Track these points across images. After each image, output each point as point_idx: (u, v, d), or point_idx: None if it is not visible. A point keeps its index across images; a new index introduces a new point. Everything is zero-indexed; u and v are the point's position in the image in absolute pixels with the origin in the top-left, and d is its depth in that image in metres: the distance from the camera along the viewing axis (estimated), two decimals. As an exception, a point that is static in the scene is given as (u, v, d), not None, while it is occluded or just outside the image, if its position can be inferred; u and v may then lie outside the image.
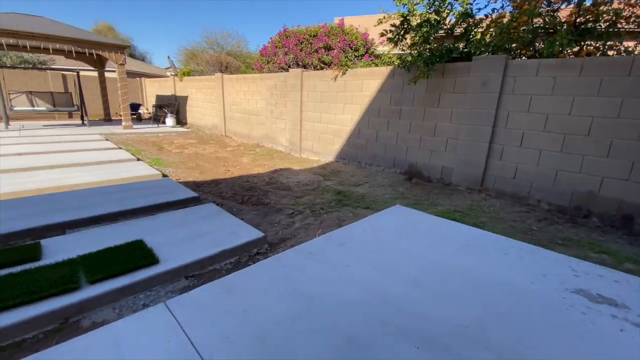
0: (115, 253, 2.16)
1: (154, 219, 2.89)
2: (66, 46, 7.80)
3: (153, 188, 3.76)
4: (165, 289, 2.01)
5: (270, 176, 4.98)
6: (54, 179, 3.87)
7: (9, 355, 1.48)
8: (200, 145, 7.48)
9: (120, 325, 1.54)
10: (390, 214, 3.19)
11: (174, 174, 4.78)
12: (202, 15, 58.82)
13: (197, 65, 13.11)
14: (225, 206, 3.51)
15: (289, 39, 7.11)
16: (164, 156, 6.07)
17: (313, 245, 2.49)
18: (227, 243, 2.48)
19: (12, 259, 2.06)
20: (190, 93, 10.83)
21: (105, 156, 5.31)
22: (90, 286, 1.84)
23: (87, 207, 3.04)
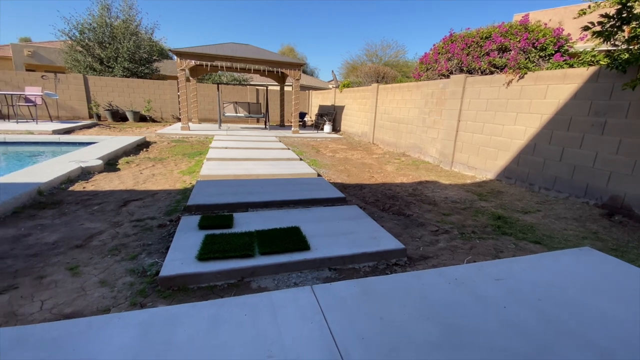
0: (279, 233, 2.58)
1: (308, 212, 3.29)
2: (262, 66, 9.98)
3: (310, 185, 4.29)
4: (312, 274, 2.25)
5: (414, 187, 4.79)
6: (245, 169, 5.02)
7: (204, 295, 2.00)
8: (349, 151, 8.03)
9: (278, 295, 1.82)
10: (575, 257, 2.47)
11: (326, 175, 5.31)
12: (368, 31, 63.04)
13: (357, 77, 14.15)
14: (367, 211, 3.61)
15: (454, 44, 6.64)
16: (319, 158, 6.85)
17: (460, 271, 2.22)
18: (368, 246, 2.53)
19: (216, 223, 2.78)
20: (347, 103, 11.80)
21: (278, 154, 6.47)
22: (261, 256, 2.27)
23: (264, 193, 3.78)
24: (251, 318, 1.63)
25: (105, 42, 13.98)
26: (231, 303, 1.75)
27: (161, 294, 1.96)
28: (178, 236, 2.55)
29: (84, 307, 1.82)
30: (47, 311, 1.77)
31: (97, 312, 1.77)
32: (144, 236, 2.73)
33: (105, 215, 3.13)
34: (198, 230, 2.68)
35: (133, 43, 14.17)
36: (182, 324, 1.56)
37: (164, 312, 1.66)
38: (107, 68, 14.24)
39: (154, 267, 2.23)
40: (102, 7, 14.23)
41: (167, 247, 2.46)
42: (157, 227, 2.93)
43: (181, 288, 2.02)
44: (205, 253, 2.23)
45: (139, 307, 1.83)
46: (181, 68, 9.21)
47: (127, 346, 1.41)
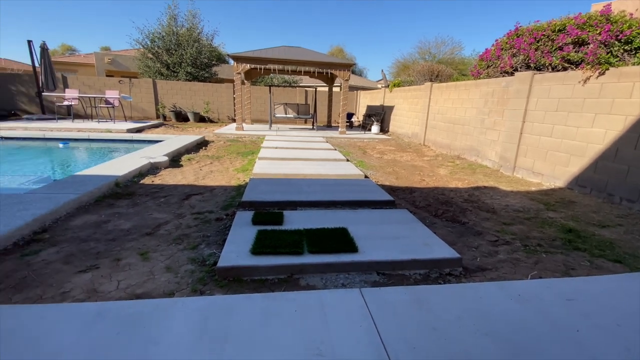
0: (327, 233, 2.60)
1: (356, 213, 3.26)
2: (312, 68, 10.15)
3: (357, 186, 4.26)
4: (360, 277, 2.22)
5: (471, 193, 4.49)
6: (294, 168, 5.15)
7: (256, 287, 2.08)
8: (398, 153, 7.80)
9: (327, 294, 1.83)
10: (669, 281, 2.11)
11: (373, 177, 5.22)
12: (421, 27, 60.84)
13: (408, 76, 13.71)
14: (418, 215, 3.47)
15: (520, 39, 6.09)
16: (366, 159, 6.76)
17: (524, 287, 2.03)
18: (419, 253, 2.43)
19: (267, 220, 2.89)
20: (396, 103, 11.49)
21: (325, 155, 6.53)
22: (309, 255, 2.30)
23: (311, 193, 3.84)
24: (301, 314, 1.66)
25: (172, 49, 15.35)
26: (282, 298, 1.80)
27: (218, 283, 2.09)
28: (233, 230, 2.69)
29: (152, 289, 2.01)
30: (122, 290, 1.99)
31: (163, 295, 1.95)
32: (203, 228, 2.94)
33: (170, 207, 3.44)
34: (251, 226, 2.80)
35: (195, 49, 15.36)
36: (238, 314, 1.64)
37: (221, 301, 1.76)
38: (172, 73, 15.62)
39: (212, 258, 2.38)
40: (170, 17, 15.65)
41: (224, 240, 2.61)
42: (215, 220, 3.13)
43: (236, 279, 2.14)
44: (258, 248, 2.32)
45: (198, 294, 1.97)
46: (237, 72, 9.75)
47: (189, 329, 1.52)
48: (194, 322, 1.57)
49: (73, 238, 2.60)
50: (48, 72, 10.92)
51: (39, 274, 2.09)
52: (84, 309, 1.65)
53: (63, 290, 1.95)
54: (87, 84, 12.92)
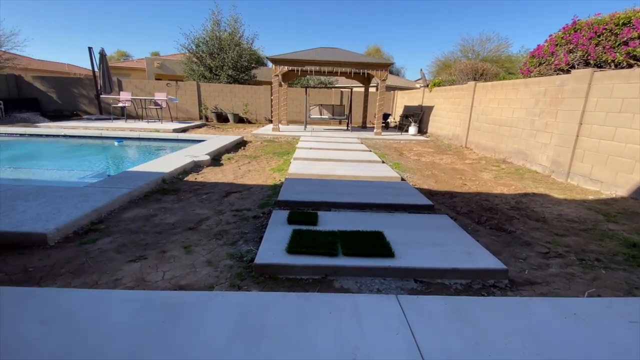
0: (362, 236, 2.56)
1: (392, 217, 3.18)
2: (348, 68, 10.10)
3: (393, 189, 4.15)
4: (396, 283, 2.16)
5: (518, 200, 4.19)
6: (328, 169, 5.15)
7: (291, 286, 2.10)
8: (437, 155, 7.50)
9: (363, 299, 1.80)
10: None
11: (411, 179, 5.06)
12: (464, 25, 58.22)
13: (450, 76, 13.15)
14: (459, 222, 3.30)
15: (578, 33, 5.58)
16: (403, 161, 6.58)
17: (581, 305, 1.85)
18: (460, 262, 2.31)
19: (302, 219, 2.91)
20: (436, 103, 11.07)
21: (360, 156, 6.46)
22: (344, 257, 2.28)
23: (346, 194, 3.81)
24: (335, 317, 1.64)
25: (215, 53, 16.11)
26: (317, 299, 1.80)
27: (255, 279, 2.14)
28: (270, 228, 2.75)
29: (194, 281, 2.11)
30: (167, 281, 2.11)
31: (204, 288, 2.03)
32: (241, 225, 3.03)
33: (211, 203, 3.59)
34: (287, 225, 2.84)
35: (236, 53, 15.99)
36: (273, 311, 1.67)
37: (258, 297, 1.80)
38: (214, 76, 16.39)
39: (249, 254, 2.45)
40: (214, 22, 16.45)
41: (261, 237, 2.67)
42: (252, 218, 3.22)
43: (271, 276, 2.18)
44: (294, 247, 2.35)
45: (236, 289, 2.03)
46: (275, 74, 9.98)
47: (227, 323, 1.57)
48: (232, 316, 1.62)
49: (125, 229, 2.81)
50: (106, 76, 11.96)
51: (95, 262, 2.29)
52: (134, 296, 1.77)
53: (115, 277, 2.12)
54: (138, 87, 13.97)
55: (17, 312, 1.60)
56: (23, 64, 19.07)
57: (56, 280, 2.05)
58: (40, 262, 2.24)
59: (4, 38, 17.02)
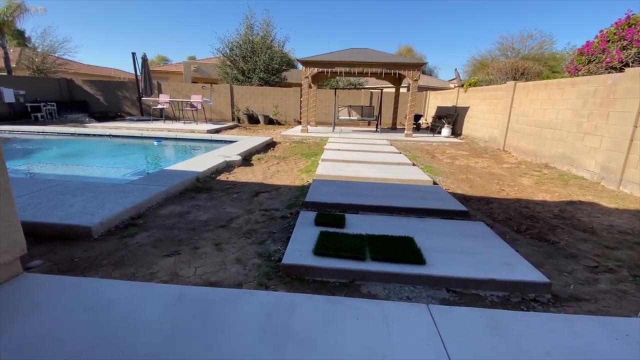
0: (391, 241, 2.49)
1: (423, 222, 3.07)
2: (379, 69, 9.96)
3: (424, 193, 4.01)
4: (427, 292, 2.07)
5: (563, 208, 3.88)
6: (356, 171, 5.09)
7: (317, 288, 2.08)
8: (472, 158, 7.17)
9: (391, 306, 1.74)
10: None
11: (443, 183, 4.87)
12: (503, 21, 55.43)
13: (487, 75, 12.53)
14: (496, 230, 3.11)
15: (633, 28, 5.09)
16: (435, 164, 6.36)
17: (634, 325, 1.67)
18: (498, 273, 2.17)
19: (329, 221, 2.89)
20: (472, 104, 10.60)
21: (389, 158, 6.33)
22: (372, 262, 2.23)
23: (374, 197, 3.74)
24: (363, 323, 1.60)
25: (247, 56, 16.57)
26: (344, 303, 1.76)
27: (282, 279, 2.15)
28: (297, 229, 2.76)
29: (223, 278, 2.16)
30: (198, 277, 2.18)
31: (233, 285, 2.07)
32: (269, 224, 3.07)
33: (242, 202, 3.68)
34: (314, 226, 2.84)
35: (268, 56, 16.33)
36: (300, 313, 1.66)
37: (285, 298, 1.80)
38: (247, 78, 16.86)
39: (277, 254, 2.47)
40: (247, 26, 16.93)
41: (288, 237, 2.69)
42: (280, 218, 3.25)
43: (298, 277, 2.17)
44: (321, 249, 2.33)
45: (264, 288, 2.05)
46: (305, 76, 10.06)
47: (254, 322, 1.58)
48: (259, 315, 1.63)
49: (161, 225, 2.95)
50: (147, 80, 12.71)
51: (133, 255, 2.42)
52: (168, 290, 1.84)
53: (151, 271, 2.22)
54: (176, 90, 14.70)
55: (63, 299, 1.72)
56: (74, 68, 20.80)
57: (98, 271, 2.19)
58: (84, 253, 2.40)
59: (58, 45, 18.68)
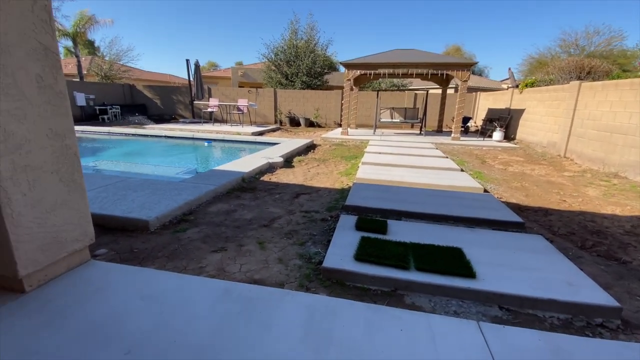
0: (437, 251, 2.37)
1: (472, 232, 2.88)
2: (425, 70, 9.61)
3: (473, 201, 3.78)
4: (476, 307, 1.94)
5: (636, 224, 3.42)
6: (398, 175, 4.95)
7: (358, 294, 2.04)
8: (527, 165, 6.61)
9: (438, 320, 1.65)
10: None
11: (495, 191, 4.54)
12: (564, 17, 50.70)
13: (547, 75, 11.50)
14: (557, 245, 2.83)
15: None
16: (485, 170, 5.96)
17: None
18: (559, 292, 1.96)
19: (371, 227, 2.84)
20: (528, 106, 9.80)
21: (434, 163, 6.06)
22: (416, 271, 2.14)
23: (418, 203, 3.59)
24: (407, 336, 1.54)
25: (291, 61, 16.99)
26: (386, 313, 1.71)
27: (322, 282, 2.15)
28: (337, 233, 2.74)
29: (266, 277, 2.21)
30: (243, 273, 2.25)
31: (275, 284, 2.11)
32: (310, 226, 3.10)
33: (283, 203, 3.76)
34: (354, 230, 2.80)
35: (310, 60, 16.60)
36: (341, 319, 1.64)
37: (326, 302, 1.79)
38: (290, 82, 17.28)
39: (317, 256, 2.48)
40: (292, 31, 17.36)
41: (328, 241, 2.68)
42: (320, 220, 3.26)
43: (339, 282, 2.16)
44: (362, 255, 2.29)
45: (304, 290, 2.06)
46: (347, 78, 10.04)
47: (296, 323, 1.59)
48: (300, 316, 1.64)
49: (210, 222, 3.12)
50: (199, 85, 13.58)
51: (185, 249, 2.57)
52: (215, 285, 1.93)
53: (200, 265, 2.35)
54: (224, 94, 15.52)
55: (124, 286, 1.88)
56: (135, 75, 22.88)
57: (154, 262, 2.36)
58: (142, 245, 2.61)
59: (122, 53, 20.71)
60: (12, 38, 1.58)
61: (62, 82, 1.83)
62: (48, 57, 1.75)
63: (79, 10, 16.67)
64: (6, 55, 1.56)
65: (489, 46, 66.43)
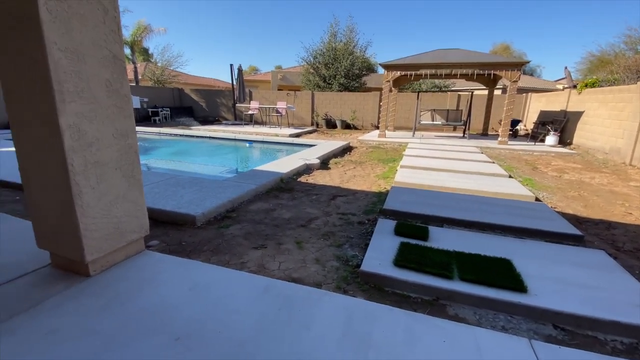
0: (484, 261, 2.24)
1: (522, 243, 2.68)
2: (471, 70, 9.16)
3: (523, 209, 3.52)
4: (527, 324, 1.80)
5: None
6: (439, 180, 4.76)
7: (398, 301, 1.99)
8: (586, 172, 6.02)
9: (485, 334, 1.56)
10: None
11: (548, 200, 4.19)
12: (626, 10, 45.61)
13: (611, 74, 10.41)
14: (622, 262, 2.54)
15: None
16: (537, 177, 5.52)
17: None
18: (624, 314, 1.76)
19: (411, 232, 2.75)
20: (587, 108, 8.94)
21: (479, 167, 5.74)
22: (460, 282, 2.04)
23: (461, 210, 3.43)
24: (451, 347, 1.47)
25: (329, 63, 17.10)
26: (428, 322, 1.65)
27: (360, 286, 2.13)
28: (375, 237, 2.70)
29: (304, 276, 2.24)
30: (282, 271, 2.30)
31: (312, 284, 2.13)
32: (347, 229, 3.09)
33: (320, 204, 3.79)
34: (393, 235, 2.74)
35: (349, 62, 16.58)
36: (380, 324, 1.61)
37: (365, 306, 1.77)
38: (327, 85, 17.39)
39: (354, 259, 2.46)
40: (331, 34, 17.49)
41: (366, 244, 2.65)
42: (357, 223, 3.24)
43: (377, 286, 2.12)
44: (402, 260, 2.23)
45: (342, 292, 2.06)
46: (387, 80, 9.88)
47: (335, 324, 1.59)
48: (339, 318, 1.64)
49: (251, 220, 3.23)
50: (241, 88, 14.16)
51: (228, 244, 2.69)
52: (256, 280, 1.99)
53: (242, 260, 2.44)
54: (264, 97, 16.03)
55: (173, 276, 2.01)
56: (184, 79, 24.44)
57: (200, 255, 2.50)
58: (190, 239, 2.77)
59: (173, 59, 22.25)
60: (87, 47, 1.77)
61: (126, 86, 2.01)
62: (116, 64, 1.93)
63: (137, 20, 18.28)
64: (82, 63, 1.75)
65: (542, 44, 61.53)
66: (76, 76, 1.72)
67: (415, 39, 72.59)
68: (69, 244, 1.87)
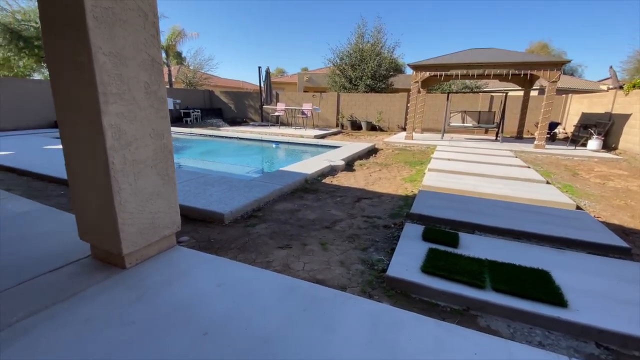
0: (519, 272, 2.12)
1: (562, 254, 2.51)
2: (505, 70, 8.75)
3: (562, 218, 3.30)
4: (567, 341, 1.67)
5: None
6: (470, 185, 4.58)
7: (426, 309, 1.93)
8: (633, 180, 5.55)
9: (520, 349, 1.47)
10: None
11: (591, 209, 3.90)
12: (686, 2, 41.51)
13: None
14: (679, 278, 2.30)
15: None
16: (578, 184, 5.16)
17: None
18: (686, 338, 1.59)
19: (440, 238, 2.66)
20: (635, 110, 8.25)
21: (513, 172, 5.46)
22: (493, 292, 1.94)
23: (494, 217, 3.27)
24: (482, 362, 1.39)
25: (356, 65, 17.01)
26: (458, 332, 1.58)
27: (386, 291, 2.08)
28: (402, 242, 2.64)
29: (329, 278, 2.23)
30: (306, 272, 2.31)
31: (337, 286, 2.11)
32: (372, 232, 3.04)
33: (345, 206, 3.76)
34: (421, 241, 2.66)
35: (376, 63, 16.40)
36: (407, 332, 1.56)
37: (391, 312, 1.73)
38: (353, 86, 17.30)
39: (380, 264, 2.41)
40: (358, 35, 17.39)
41: (392, 249, 2.60)
42: (383, 227, 3.18)
43: (403, 293, 2.07)
44: (430, 267, 2.16)
45: (367, 296, 2.02)
46: (415, 80, 9.67)
47: (360, 329, 1.57)
48: (365, 322, 1.61)
49: (276, 219, 3.27)
50: (268, 90, 14.43)
51: (254, 243, 2.74)
52: (282, 280, 2.01)
53: (267, 259, 2.47)
54: (290, 99, 16.23)
55: (203, 272, 2.07)
56: (214, 81, 25.31)
57: (228, 252, 2.56)
58: (218, 236, 2.85)
59: (204, 62, 23.11)
60: (128, 52, 1.87)
61: (163, 88, 2.11)
62: (154, 67, 2.03)
63: (172, 25, 19.17)
64: (123, 66, 1.85)
65: (584, 42, 57.59)
66: (118, 79, 1.82)
67: (447, 39, 70.57)
68: (108, 237, 1.98)
